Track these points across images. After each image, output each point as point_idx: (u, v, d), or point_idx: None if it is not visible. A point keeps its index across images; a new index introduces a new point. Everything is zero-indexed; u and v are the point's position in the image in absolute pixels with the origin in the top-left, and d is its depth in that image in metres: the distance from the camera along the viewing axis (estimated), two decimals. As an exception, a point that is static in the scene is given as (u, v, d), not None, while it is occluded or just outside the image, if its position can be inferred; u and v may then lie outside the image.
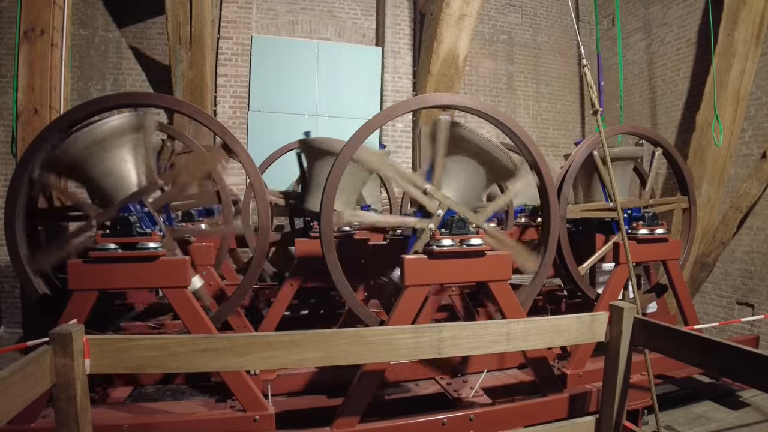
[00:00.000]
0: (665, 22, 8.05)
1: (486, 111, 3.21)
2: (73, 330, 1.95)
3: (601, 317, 2.59)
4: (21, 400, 1.75)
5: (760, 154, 6.42)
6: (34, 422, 2.73)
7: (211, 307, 3.51)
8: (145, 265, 2.82)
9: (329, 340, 2.24)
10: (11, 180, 2.95)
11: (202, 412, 2.95)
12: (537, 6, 9.53)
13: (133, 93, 5.92)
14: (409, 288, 2.90)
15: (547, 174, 3.32)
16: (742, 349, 2.04)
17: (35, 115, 4.01)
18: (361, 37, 8.48)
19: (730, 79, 6.23)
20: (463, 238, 2.98)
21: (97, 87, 7.39)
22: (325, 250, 2.94)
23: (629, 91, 8.76)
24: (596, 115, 3.29)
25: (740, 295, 6.75)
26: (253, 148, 7.33)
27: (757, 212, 6.53)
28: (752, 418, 3.81)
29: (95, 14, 7.42)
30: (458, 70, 7.72)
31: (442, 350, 2.36)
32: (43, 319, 2.94)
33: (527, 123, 9.25)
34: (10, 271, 6.52)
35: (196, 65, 6.59)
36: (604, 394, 2.65)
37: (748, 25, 6.06)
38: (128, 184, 3.02)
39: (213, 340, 2.17)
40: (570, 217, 3.87)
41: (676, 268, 4.08)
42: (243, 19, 7.59)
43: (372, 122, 3.09)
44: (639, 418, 3.62)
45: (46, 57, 4.05)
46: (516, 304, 3.14)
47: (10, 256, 2.97)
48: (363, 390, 2.87)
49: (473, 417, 3.00)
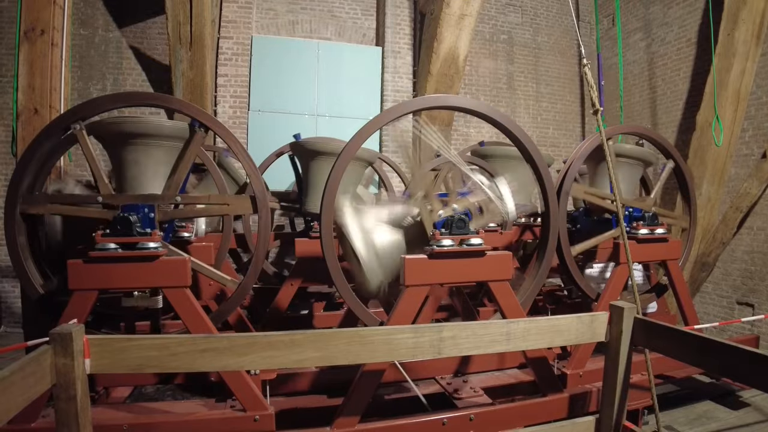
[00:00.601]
0: (665, 22, 8.04)
1: (485, 111, 3.22)
2: (73, 330, 1.95)
3: (601, 317, 2.59)
4: (21, 399, 1.75)
5: (760, 153, 6.42)
6: (35, 422, 2.72)
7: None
8: (146, 264, 2.82)
9: (329, 340, 2.24)
10: (11, 179, 2.95)
11: (202, 411, 2.95)
12: (537, 6, 9.52)
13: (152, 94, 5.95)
14: (408, 288, 2.90)
15: (546, 173, 3.32)
16: (743, 349, 2.04)
17: (35, 115, 4.00)
18: (362, 37, 8.48)
19: (731, 78, 6.22)
20: (463, 238, 2.98)
21: (98, 87, 7.39)
22: (325, 251, 2.94)
23: (629, 91, 8.75)
24: (597, 114, 3.29)
25: (740, 295, 6.75)
26: (254, 148, 7.33)
27: (758, 212, 6.53)
28: (752, 418, 3.80)
29: (95, 14, 7.42)
30: (458, 69, 7.71)
31: (442, 350, 2.36)
32: (44, 318, 2.95)
33: (527, 123, 9.25)
34: (10, 271, 6.53)
35: (197, 65, 6.59)
36: (604, 394, 2.65)
37: (749, 25, 6.05)
38: (149, 184, 3.05)
39: (213, 340, 2.17)
40: (573, 196, 3.85)
41: (676, 268, 4.07)
42: (243, 19, 7.59)
43: (372, 123, 3.09)
44: (639, 418, 3.62)
45: (46, 57, 4.05)
46: (516, 303, 3.14)
47: (10, 256, 2.97)
48: (363, 390, 2.87)
49: (473, 417, 3.00)
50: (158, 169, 3.14)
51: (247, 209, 3.29)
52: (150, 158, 3.09)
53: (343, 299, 3.66)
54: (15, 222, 2.94)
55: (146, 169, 3.09)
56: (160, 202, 3.04)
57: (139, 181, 3.10)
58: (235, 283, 3.28)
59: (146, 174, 3.10)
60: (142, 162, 3.08)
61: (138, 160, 3.07)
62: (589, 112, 9.35)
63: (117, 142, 3.07)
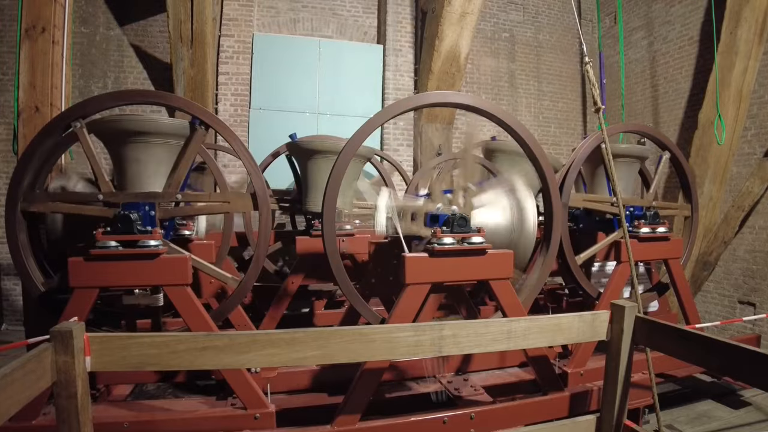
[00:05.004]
0: (668, 20, 8.02)
1: (488, 109, 3.21)
2: (74, 327, 1.95)
3: (602, 316, 2.59)
4: (22, 397, 1.76)
5: (762, 152, 6.41)
6: (35, 419, 2.73)
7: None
8: (146, 263, 2.82)
9: (330, 338, 2.24)
10: (12, 177, 2.95)
11: (203, 409, 2.95)
12: (539, 4, 9.50)
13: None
14: (409, 286, 2.90)
15: (549, 172, 3.31)
16: (744, 348, 2.03)
17: (36, 113, 4.00)
18: (363, 35, 8.46)
19: (733, 77, 6.21)
20: (464, 236, 2.97)
21: (99, 85, 7.39)
22: (327, 248, 2.94)
23: (631, 90, 8.73)
24: (598, 113, 3.28)
25: (742, 294, 6.74)
26: (255, 146, 7.34)
27: (760, 211, 6.52)
28: (753, 417, 3.80)
29: (96, 12, 7.41)
30: (460, 67, 7.70)
31: (443, 348, 2.36)
32: (45, 316, 2.95)
33: (529, 121, 9.24)
34: (11, 269, 6.54)
35: (197, 63, 6.59)
36: (605, 393, 2.65)
37: (751, 23, 6.03)
38: (150, 182, 3.05)
39: (214, 338, 2.17)
40: (572, 205, 3.84)
41: (677, 267, 4.07)
42: (244, 17, 7.58)
43: (373, 120, 3.08)
44: (640, 417, 3.62)
45: (47, 55, 4.04)
46: (517, 302, 3.13)
47: (11, 253, 2.97)
48: (364, 388, 2.87)
49: (474, 415, 3.00)
50: (159, 167, 3.14)
51: (247, 207, 3.29)
52: (151, 156, 3.09)
53: (344, 297, 3.66)
54: (16, 220, 2.94)
55: (147, 167, 3.09)
56: (161, 200, 3.04)
57: (140, 178, 3.10)
58: (236, 281, 3.28)
59: (147, 172, 3.10)
60: (143, 160, 3.08)
61: (139, 158, 3.07)
62: (591, 111, 9.32)
63: (118, 140, 3.07)
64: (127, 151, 3.06)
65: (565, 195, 3.71)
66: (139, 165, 3.08)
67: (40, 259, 3.26)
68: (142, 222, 2.94)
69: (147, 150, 3.07)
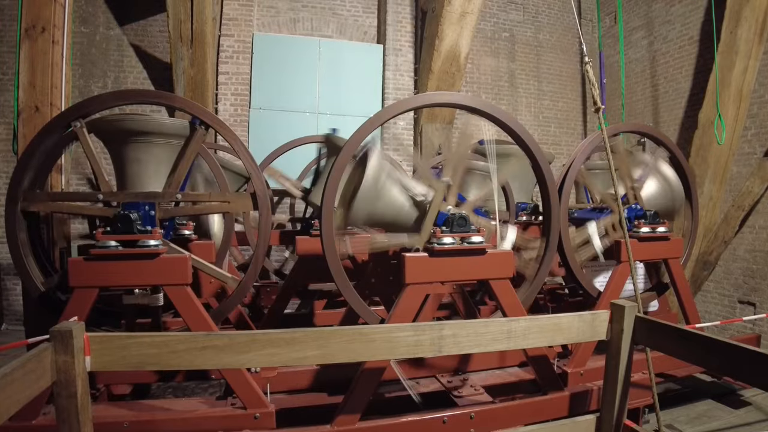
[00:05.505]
0: (668, 20, 8.01)
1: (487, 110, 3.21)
2: (73, 327, 1.95)
3: (602, 316, 2.59)
4: (22, 396, 1.76)
5: (762, 152, 6.41)
6: (35, 419, 2.73)
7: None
8: (146, 262, 2.82)
9: (330, 338, 2.24)
10: (12, 176, 2.95)
11: (203, 409, 2.95)
12: (539, 4, 9.51)
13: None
14: (409, 286, 2.90)
15: (548, 171, 3.31)
16: (744, 348, 2.03)
17: (36, 113, 4.00)
18: (363, 35, 8.46)
19: (733, 76, 6.21)
20: (464, 236, 2.97)
21: (99, 84, 7.39)
22: (326, 248, 2.94)
23: (631, 89, 8.73)
24: (598, 112, 3.27)
25: (742, 294, 6.74)
26: (254, 145, 7.34)
27: (760, 210, 6.52)
28: (753, 417, 3.80)
29: (96, 12, 7.42)
30: (460, 67, 7.70)
31: (443, 348, 2.36)
32: (45, 316, 2.95)
33: (529, 121, 9.24)
34: (11, 269, 6.54)
35: (197, 63, 6.59)
36: (604, 393, 2.65)
37: (751, 23, 6.03)
38: (149, 182, 3.05)
39: (213, 338, 2.17)
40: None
41: (677, 267, 4.06)
42: (244, 17, 7.58)
43: (373, 120, 3.08)
44: (640, 417, 3.62)
45: (47, 54, 4.04)
46: (517, 302, 3.13)
47: (11, 253, 2.97)
48: (364, 388, 2.87)
49: (474, 415, 3.00)
50: (159, 167, 3.14)
51: (247, 207, 3.28)
52: (151, 156, 3.09)
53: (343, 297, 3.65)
54: (16, 219, 2.94)
55: (147, 167, 3.09)
56: (161, 199, 3.04)
57: (140, 178, 3.10)
58: (236, 281, 3.28)
59: (147, 171, 3.10)
60: (143, 160, 3.08)
61: (139, 158, 3.07)
62: (591, 111, 9.32)
63: (118, 140, 3.07)
64: (127, 150, 3.06)
65: (565, 195, 3.71)
66: (139, 165, 3.08)
67: (40, 259, 3.27)
68: (142, 222, 2.94)
69: (147, 150, 3.07)
